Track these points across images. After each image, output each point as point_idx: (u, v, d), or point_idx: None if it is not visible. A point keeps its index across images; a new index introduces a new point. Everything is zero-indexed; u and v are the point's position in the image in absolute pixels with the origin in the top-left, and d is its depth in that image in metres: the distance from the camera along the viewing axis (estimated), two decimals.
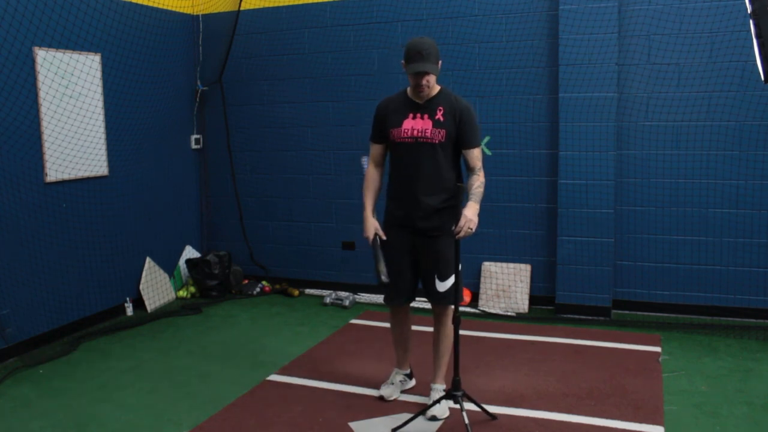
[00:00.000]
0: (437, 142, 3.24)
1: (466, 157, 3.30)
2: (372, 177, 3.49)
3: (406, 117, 3.29)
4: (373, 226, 3.42)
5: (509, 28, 5.13)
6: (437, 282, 3.34)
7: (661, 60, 4.83)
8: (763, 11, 3.14)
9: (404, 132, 3.28)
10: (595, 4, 4.79)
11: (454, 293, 3.33)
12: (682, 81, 4.80)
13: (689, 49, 4.75)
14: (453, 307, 3.28)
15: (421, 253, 3.37)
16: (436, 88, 3.30)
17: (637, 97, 4.91)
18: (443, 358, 3.50)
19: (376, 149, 3.46)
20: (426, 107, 3.27)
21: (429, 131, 3.24)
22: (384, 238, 3.42)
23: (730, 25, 4.63)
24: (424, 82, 3.17)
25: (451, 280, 3.32)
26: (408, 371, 3.73)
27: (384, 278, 3.31)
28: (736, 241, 4.81)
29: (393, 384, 3.64)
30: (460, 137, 3.26)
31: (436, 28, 5.30)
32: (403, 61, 3.19)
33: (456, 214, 3.17)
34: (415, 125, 3.27)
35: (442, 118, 3.24)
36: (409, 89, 3.34)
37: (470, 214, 3.13)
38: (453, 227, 3.15)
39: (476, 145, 3.30)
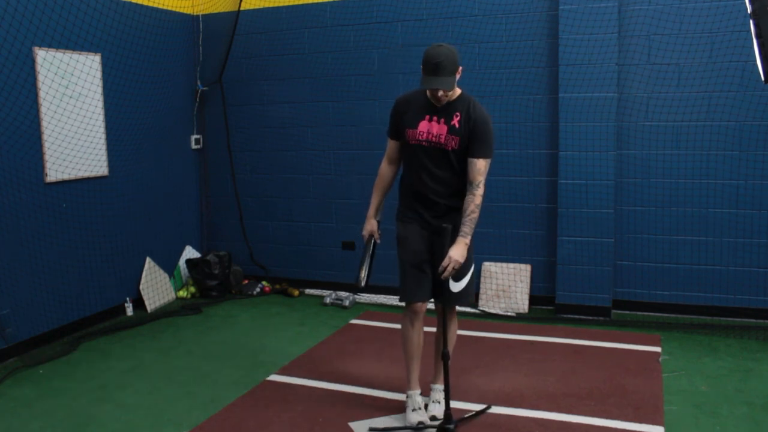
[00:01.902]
0: (450, 149, 3.16)
1: (468, 167, 3.14)
2: (384, 174, 3.43)
3: (423, 119, 3.20)
4: (371, 227, 3.41)
5: (509, 28, 5.13)
6: (451, 282, 3.22)
7: (661, 60, 4.83)
8: (763, 11, 3.13)
9: (419, 134, 3.20)
10: (595, 4, 4.79)
11: (465, 295, 3.29)
12: (682, 81, 4.80)
13: (689, 49, 4.75)
14: (458, 310, 3.20)
15: (436, 252, 3.25)
16: (457, 92, 3.21)
17: (637, 97, 4.91)
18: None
19: (391, 145, 3.38)
20: (444, 111, 3.18)
21: (443, 137, 3.16)
22: (379, 241, 3.41)
23: (730, 25, 4.63)
24: (439, 94, 3.10)
25: (466, 280, 3.25)
26: (419, 391, 3.48)
27: (362, 283, 3.31)
28: (736, 241, 4.81)
29: (421, 408, 3.39)
30: (468, 145, 3.16)
31: (436, 28, 5.30)
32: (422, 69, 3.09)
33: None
34: (430, 129, 3.19)
35: (457, 125, 3.15)
36: (429, 92, 3.22)
37: (456, 254, 3.03)
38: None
39: (482, 156, 3.14)
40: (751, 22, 3.24)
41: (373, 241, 3.41)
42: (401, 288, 3.33)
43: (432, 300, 3.40)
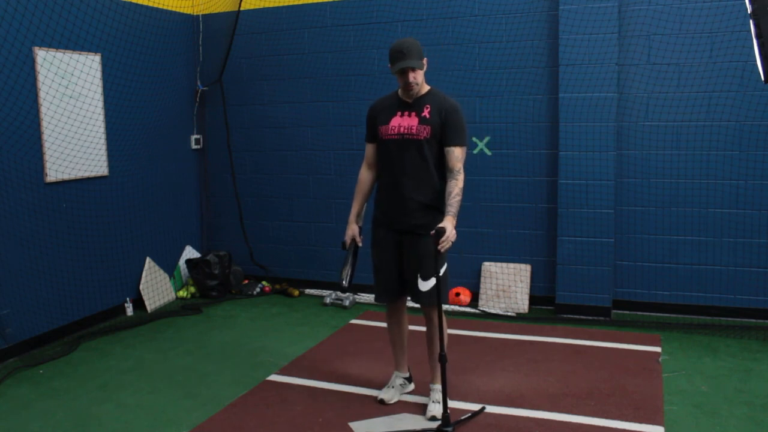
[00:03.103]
0: (423, 138, 3.26)
1: (446, 156, 3.26)
2: (364, 178, 3.55)
3: (395, 115, 3.34)
4: (353, 231, 3.51)
5: (509, 28, 5.13)
6: (420, 281, 3.31)
7: (661, 60, 4.83)
8: (763, 11, 3.14)
9: (391, 129, 3.32)
10: (595, 4, 4.79)
11: (436, 294, 3.29)
12: (682, 81, 4.80)
13: (689, 49, 4.75)
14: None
15: (405, 252, 3.38)
16: (426, 88, 3.34)
17: (637, 97, 4.91)
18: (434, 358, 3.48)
19: (369, 149, 3.51)
20: (414, 105, 3.31)
21: (415, 128, 3.27)
22: (360, 245, 3.52)
23: (730, 25, 4.63)
24: (411, 79, 3.20)
25: (434, 280, 3.29)
26: (407, 374, 3.72)
27: (344, 283, 3.43)
28: (736, 241, 4.81)
29: (393, 387, 3.64)
30: (442, 134, 3.26)
31: (436, 28, 5.30)
32: (389, 65, 3.25)
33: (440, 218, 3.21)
34: (402, 122, 3.30)
35: (428, 116, 3.27)
36: (400, 90, 3.37)
37: (451, 227, 3.07)
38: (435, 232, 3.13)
39: (458, 144, 3.26)
40: (751, 22, 3.25)
41: (354, 244, 3.52)
42: (374, 288, 3.57)
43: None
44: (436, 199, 3.30)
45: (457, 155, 3.25)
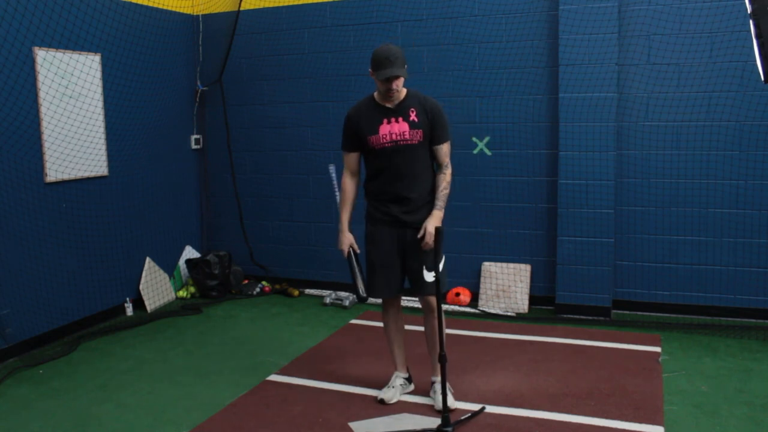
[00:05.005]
0: (416, 142, 3.33)
1: (435, 153, 3.39)
2: (349, 188, 3.55)
3: (381, 123, 3.36)
4: (348, 240, 3.52)
5: (509, 28, 5.13)
6: (425, 273, 3.39)
7: (661, 60, 4.83)
8: (763, 11, 3.13)
9: (383, 138, 3.34)
10: (595, 4, 4.79)
11: (441, 281, 3.33)
12: (682, 81, 4.80)
13: (689, 49, 4.75)
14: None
15: (409, 247, 3.42)
16: (404, 91, 3.38)
17: (637, 97, 4.91)
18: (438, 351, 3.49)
19: (351, 158, 3.52)
20: (398, 110, 3.35)
21: (407, 133, 3.33)
22: (358, 251, 3.54)
23: (730, 25, 4.63)
24: (394, 86, 3.24)
25: (439, 269, 3.32)
26: (407, 374, 3.73)
27: (362, 293, 3.50)
28: (736, 241, 4.81)
29: (393, 387, 3.63)
30: (431, 134, 3.36)
31: (436, 28, 5.30)
32: (371, 70, 3.26)
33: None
34: (392, 129, 3.34)
35: (416, 119, 3.33)
36: (376, 94, 3.40)
37: (431, 226, 3.25)
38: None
39: (445, 141, 3.40)
40: (751, 22, 3.24)
41: (353, 253, 3.54)
42: (370, 285, 3.54)
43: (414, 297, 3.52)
44: (433, 193, 3.42)
45: (445, 151, 3.41)
